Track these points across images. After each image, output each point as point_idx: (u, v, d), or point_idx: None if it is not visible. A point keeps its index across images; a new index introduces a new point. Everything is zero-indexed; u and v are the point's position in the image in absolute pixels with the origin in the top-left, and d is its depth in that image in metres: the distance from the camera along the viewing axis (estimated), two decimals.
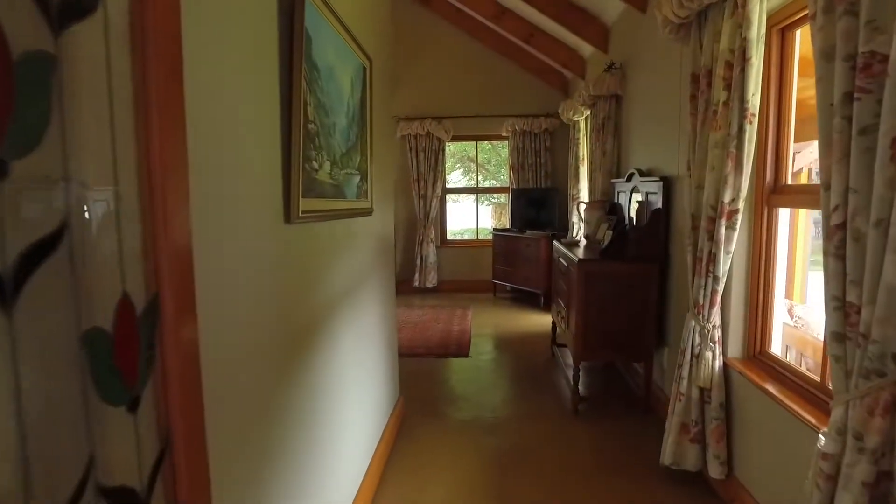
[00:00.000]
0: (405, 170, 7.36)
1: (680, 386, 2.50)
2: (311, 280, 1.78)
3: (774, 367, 2.26)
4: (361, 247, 2.47)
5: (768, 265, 2.34)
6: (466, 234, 10.20)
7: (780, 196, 2.26)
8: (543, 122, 6.94)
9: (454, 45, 7.15)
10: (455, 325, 5.64)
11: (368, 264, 2.62)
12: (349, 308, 2.28)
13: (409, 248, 7.51)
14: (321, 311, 1.88)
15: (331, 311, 2.00)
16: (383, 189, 2.97)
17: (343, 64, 2.03)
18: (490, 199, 10.78)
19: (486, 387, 3.91)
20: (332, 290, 2.03)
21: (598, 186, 4.56)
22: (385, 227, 3.01)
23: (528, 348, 4.83)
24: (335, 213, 1.96)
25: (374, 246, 2.72)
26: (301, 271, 1.66)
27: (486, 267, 7.23)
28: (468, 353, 4.71)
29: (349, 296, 2.30)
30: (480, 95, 7.18)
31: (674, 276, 3.18)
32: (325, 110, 1.82)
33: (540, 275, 6.25)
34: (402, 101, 7.26)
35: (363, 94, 2.36)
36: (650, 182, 3.41)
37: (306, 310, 1.73)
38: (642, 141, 3.83)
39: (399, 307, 6.43)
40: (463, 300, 6.91)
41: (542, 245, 6.21)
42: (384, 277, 3.00)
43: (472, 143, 7.81)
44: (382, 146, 2.93)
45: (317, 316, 1.84)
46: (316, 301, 1.83)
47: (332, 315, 2.00)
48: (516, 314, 6.14)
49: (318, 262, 1.84)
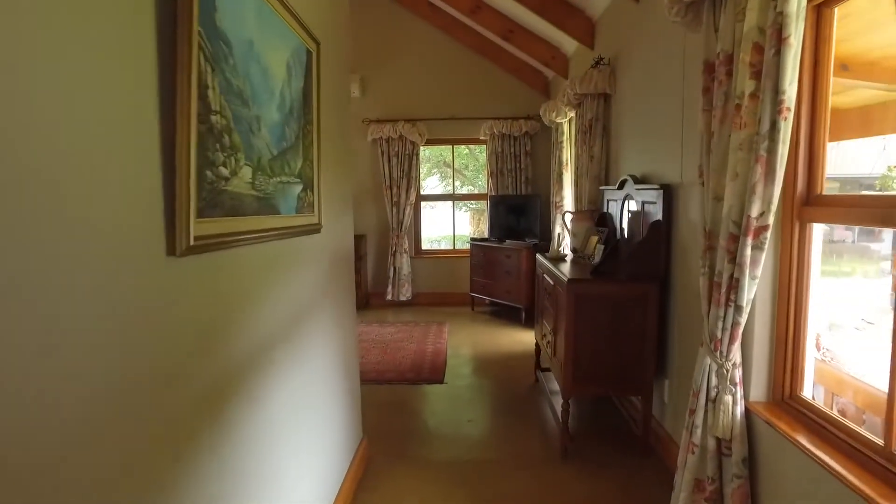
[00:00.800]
0: (377, 176, 6.90)
1: (693, 435, 2.08)
2: (221, 327, 1.31)
3: (809, 416, 1.86)
4: (307, 271, 2.01)
5: (800, 292, 1.94)
6: (444, 242, 9.77)
7: (815, 209, 1.86)
8: (523, 125, 6.55)
9: (428, 44, 6.73)
10: (430, 344, 5.18)
11: (318, 291, 2.16)
12: (291, 347, 1.82)
13: (381, 258, 7.04)
14: (242, 362, 1.42)
15: (258, 359, 1.53)
16: (341, 199, 2.51)
17: (273, 41, 1.57)
18: (468, 206, 10.38)
19: (462, 421, 3.46)
20: (262, 331, 1.57)
21: (584, 194, 4.16)
22: (342, 244, 2.55)
23: (509, 372, 4.39)
24: (261, 234, 1.50)
25: (325, 268, 2.25)
26: (199, 321, 1.20)
27: (464, 279, 6.79)
28: (443, 378, 4.25)
29: (290, 332, 1.83)
30: (456, 97, 6.76)
31: (676, 298, 2.78)
32: (243, 99, 1.36)
33: (521, 288, 5.84)
34: (373, 102, 6.81)
35: (307, 83, 1.90)
36: (647, 190, 3.01)
37: (215, 366, 1.26)
38: (636, 144, 3.43)
39: (370, 324, 5.97)
40: (439, 315, 6.46)
41: (522, 256, 5.80)
42: (341, 303, 2.54)
43: (448, 146, 7.39)
44: (338, 148, 2.47)
45: (235, 368, 1.38)
46: (234, 350, 1.37)
47: (259, 364, 1.54)
48: (496, 331, 5.71)
49: (233, 302, 1.38)
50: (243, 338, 1.44)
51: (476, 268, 6.49)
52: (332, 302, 2.37)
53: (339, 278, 2.51)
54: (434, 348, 5.03)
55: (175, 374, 1.09)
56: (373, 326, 5.90)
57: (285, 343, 1.79)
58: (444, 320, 6.14)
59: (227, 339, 1.34)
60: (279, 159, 1.63)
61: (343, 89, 2.60)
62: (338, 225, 2.45)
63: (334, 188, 2.38)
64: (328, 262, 2.29)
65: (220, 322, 1.30)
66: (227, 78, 1.26)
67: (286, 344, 1.80)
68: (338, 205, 2.46)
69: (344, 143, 2.60)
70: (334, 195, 2.38)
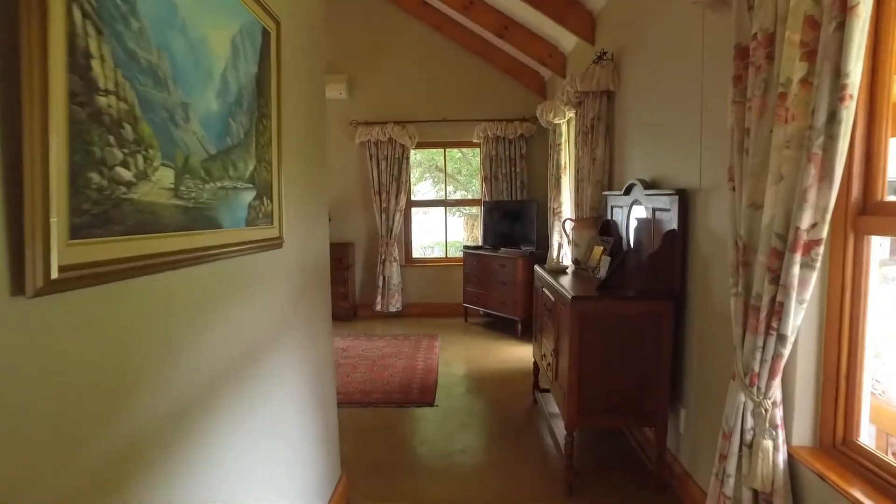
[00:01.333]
0: (365, 180, 6.57)
1: (724, 485, 1.76)
2: (129, 382, 0.98)
3: (867, 465, 1.54)
4: (265, 294, 1.68)
5: (854, 318, 1.63)
6: (437, 248, 9.41)
7: (874, 218, 1.55)
8: (518, 127, 6.24)
9: (419, 42, 6.42)
10: (420, 360, 4.85)
11: (283, 315, 1.83)
12: (246, 387, 1.49)
13: (369, 267, 6.70)
14: (167, 419, 1.09)
15: (195, 409, 1.20)
16: (312, 207, 2.18)
17: (211, 11, 1.25)
18: (462, 211, 10.06)
19: (455, 451, 3.12)
20: (200, 375, 1.24)
21: (585, 200, 3.85)
22: (314, 258, 2.22)
23: (505, 391, 4.06)
24: (193, 254, 1.17)
25: (292, 287, 1.92)
26: (80, 381, 0.86)
27: (457, 288, 6.46)
28: (433, 399, 3.92)
29: (245, 370, 1.50)
30: (449, 98, 6.45)
31: (694, 317, 2.46)
32: (157, 78, 1.03)
33: (517, 299, 5.51)
34: (360, 103, 6.49)
35: (263, 69, 1.58)
36: (659, 196, 2.69)
37: (122, 433, 0.93)
38: (644, 145, 3.12)
39: (357, 337, 5.63)
40: (430, 327, 6.12)
41: (518, 265, 5.48)
42: (314, 325, 2.21)
43: (440, 150, 7.08)
44: (309, 149, 2.14)
45: (156, 430, 1.05)
46: (152, 408, 1.04)
47: (198, 415, 1.20)
48: (491, 345, 5.38)
49: (148, 347, 1.04)
50: (168, 390, 1.10)
51: (469, 277, 6.16)
52: (302, 325, 2.04)
53: (312, 297, 2.17)
54: (424, 365, 4.69)
55: (38, 463, 0.76)
56: (360, 340, 5.56)
57: (239, 382, 1.46)
58: (435, 333, 5.81)
59: (139, 397, 1.01)
60: (220, 160, 1.30)
61: (315, 81, 2.27)
62: (308, 237, 2.12)
63: (303, 194, 2.05)
64: (295, 280, 1.96)
65: (126, 377, 0.97)
66: (128, 48, 0.94)
67: (240, 383, 1.47)
68: (308, 213, 2.13)
69: (317, 144, 2.27)
70: (303, 203, 2.06)
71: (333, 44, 6.40)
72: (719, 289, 2.20)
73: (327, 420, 2.39)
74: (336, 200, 6.62)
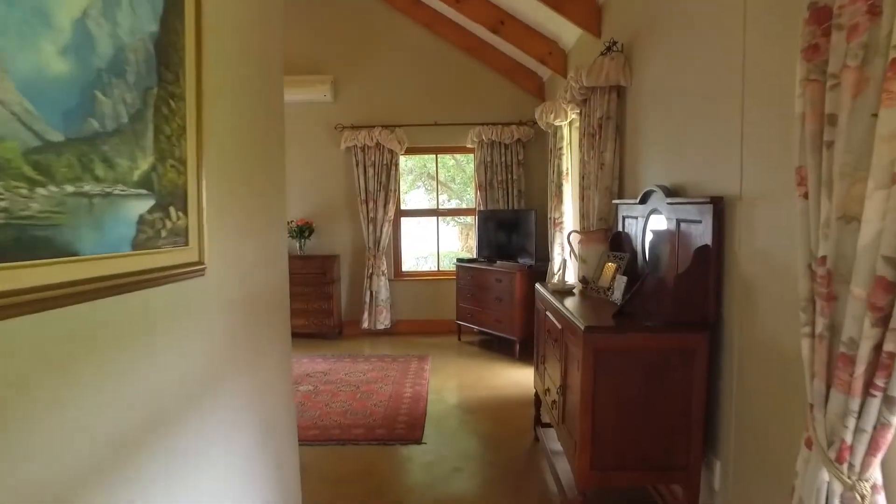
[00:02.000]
0: (351, 188, 6.13)
1: None
2: None
3: None
4: (174, 342, 1.22)
5: None
6: (431, 259, 8.94)
7: None
8: (515, 131, 5.82)
9: (409, 41, 6.01)
10: (408, 385, 4.38)
11: (206, 366, 1.38)
12: (144, 475, 1.04)
13: (356, 282, 6.24)
14: None
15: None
16: (261, 219, 1.74)
17: None
18: (457, 220, 9.61)
19: (446, 502, 2.66)
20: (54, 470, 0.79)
21: (592, 209, 3.42)
22: (261, 285, 1.77)
23: (502, 425, 3.60)
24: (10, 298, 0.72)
25: (221, 328, 1.47)
26: None
27: (450, 303, 6.00)
28: (421, 435, 3.45)
29: (139, 456, 1.05)
30: (440, 100, 6.03)
31: (733, 352, 2.02)
32: None
33: (514, 317, 5.06)
34: (346, 106, 6.07)
35: (167, 29, 1.14)
36: (686, 205, 2.26)
37: None
38: (664, 146, 2.70)
39: (341, 359, 5.17)
40: (421, 346, 5.66)
41: (516, 280, 5.04)
42: (263, 369, 1.75)
43: (431, 156, 6.65)
44: (256, 145, 1.70)
45: None
46: None
47: None
48: (486, 367, 4.91)
49: None
50: None
51: (463, 292, 5.71)
52: (245, 369, 1.59)
53: (260, 334, 1.72)
54: (413, 392, 4.23)
55: None
56: (344, 362, 5.09)
57: (135, 470, 1.01)
58: (426, 353, 5.34)
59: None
60: (75, 151, 0.86)
61: (271, 60, 1.84)
62: (254, 258, 1.67)
63: (247, 205, 1.61)
64: (232, 315, 1.51)
65: None
66: None
67: (137, 471, 1.02)
68: (254, 229, 1.69)
69: (270, 141, 1.83)
70: (246, 215, 1.61)
71: (317, 43, 5.99)
72: (771, 320, 1.76)
73: (284, 488, 1.93)
74: (320, 210, 6.18)
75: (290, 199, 6.14)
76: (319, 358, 5.24)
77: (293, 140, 6.12)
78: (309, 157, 6.13)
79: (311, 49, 5.99)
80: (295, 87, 5.81)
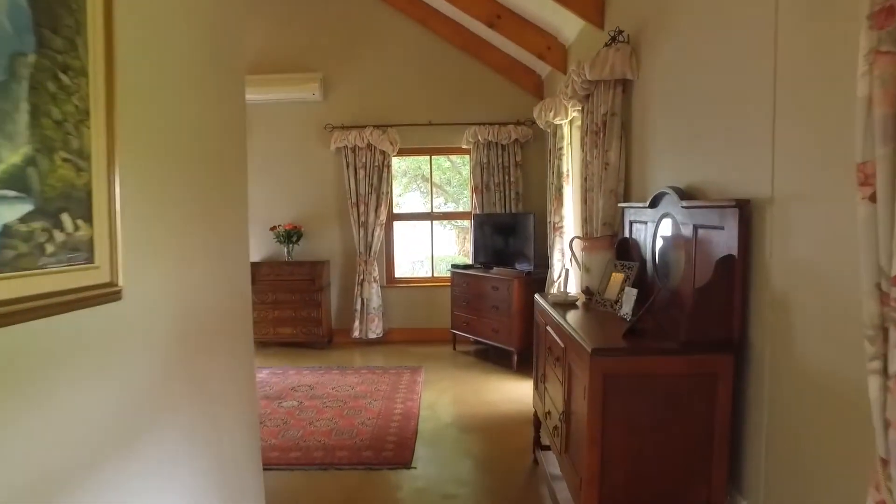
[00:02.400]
0: (342, 191, 5.87)
1: None
2: None
3: None
4: (77, 384, 0.96)
5: None
6: (426, 262, 8.65)
7: None
8: (513, 132, 5.57)
9: (401, 38, 5.76)
10: (398, 401, 4.11)
11: (128, 409, 1.11)
12: None
13: (347, 288, 5.98)
14: None
15: None
16: (211, 228, 1.47)
17: None
18: (454, 223, 9.33)
19: None
20: None
21: (595, 213, 3.16)
22: (211, 305, 1.50)
23: (499, 446, 3.33)
24: None
25: (149, 363, 1.20)
26: None
27: (444, 311, 5.73)
28: (411, 458, 3.18)
29: None
30: (434, 99, 5.78)
31: (761, 378, 1.76)
32: None
33: (512, 327, 4.80)
34: (336, 105, 5.82)
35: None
36: (705, 209, 2.00)
37: None
38: (676, 144, 2.44)
39: (329, 370, 4.90)
40: (414, 356, 5.39)
41: (514, 288, 4.77)
42: (212, 406, 1.48)
43: (425, 157, 6.39)
44: (206, 138, 1.44)
45: None
46: None
47: None
48: (482, 380, 4.64)
49: None
50: None
51: (458, 300, 5.45)
52: (185, 404, 1.33)
53: (210, 362, 1.46)
54: (404, 408, 3.96)
55: None
56: (332, 374, 4.82)
57: None
58: (419, 365, 5.07)
59: None
60: None
61: (227, 40, 1.57)
62: (196, 278, 1.41)
63: (188, 212, 1.34)
64: (163, 346, 1.24)
65: None
66: None
67: None
68: (204, 243, 1.42)
69: (229, 134, 1.57)
70: (189, 225, 1.35)
71: (306, 40, 5.74)
72: (814, 345, 1.50)
73: None
74: (308, 214, 5.92)
75: (278, 202, 5.89)
76: (307, 370, 4.96)
77: (280, 141, 5.87)
78: (297, 159, 5.88)
79: (299, 45, 5.74)
80: (282, 86, 5.57)
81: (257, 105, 5.78)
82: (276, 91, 5.58)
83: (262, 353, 5.61)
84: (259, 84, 5.56)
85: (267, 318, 5.68)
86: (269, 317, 5.68)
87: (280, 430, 3.59)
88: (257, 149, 5.88)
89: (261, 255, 5.96)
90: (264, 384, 4.55)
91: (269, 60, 5.70)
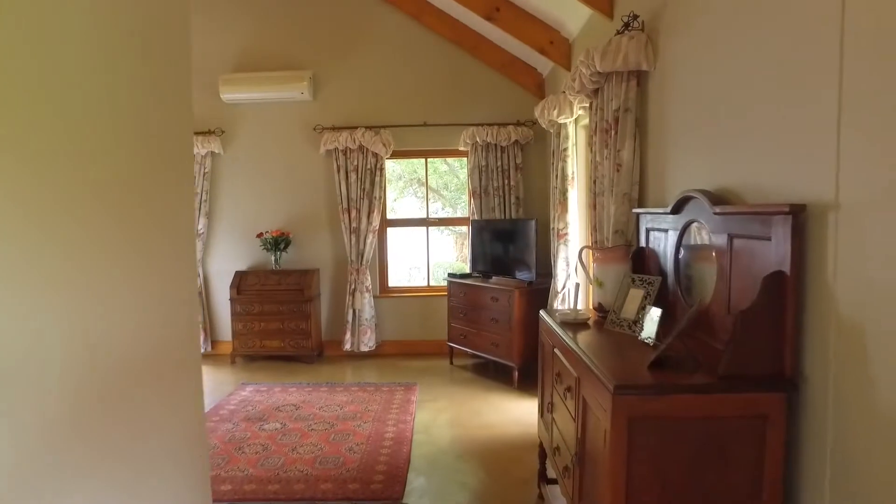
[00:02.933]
0: (332, 195, 5.56)
1: None
2: None
3: None
4: None
5: None
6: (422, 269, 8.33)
7: None
8: (513, 133, 5.27)
9: (395, 34, 5.46)
10: (391, 422, 3.79)
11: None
12: None
13: (338, 298, 5.66)
14: None
15: None
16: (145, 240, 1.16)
17: None
18: (451, 229, 9.02)
19: None
20: None
21: (606, 220, 2.85)
22: (140, 344, 1.18)
23: (500, 477, 3.01)
24: None
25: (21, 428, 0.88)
26: None
27: (441, 322, 5.42)
28: (402, 492, 2.86)
29: None
30: (430, 99, 5.49)
31: (821, 421, 1.45)
32: None
33: (512, 340, 4.48)
34: (326, 106, 5.52)
35: None
36: (745, 216, 1.69)
37: None
38: (702, 142, 2.14)
39: (317, 388, 4.57)
40: (409, 372, 5.07)
41: (514, 299, 4.46)
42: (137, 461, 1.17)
43: (420, 160, 6.09)
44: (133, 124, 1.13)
45: None
46: None
47: None
48: (481, 398, 4.32)
49: None
50: None
51: (455, 311, 5.13)
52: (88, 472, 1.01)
53: (131, 413, 1.14)
54: (396, 431, 3.64)
55: None
56: (320, 392, 4.49)
57: None
58: (413, 381, 4.74)
59: None
60: None
61: None
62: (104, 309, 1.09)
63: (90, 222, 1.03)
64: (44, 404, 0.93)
65: None
66: None
67: None
68: (120, 263, 1.11)
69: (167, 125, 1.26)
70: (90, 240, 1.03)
71: (294, 36, 5.45)
72: (881, 374, 1.19)
73: None
74: (297, 220, 5.61)
75: (264, 208, 5.59)
76: (293, 387, 4.64)
77: (267, 143, 5.57)
78: (285, 162, 5.57)
79: (287, 41, 5.45)
80: (268, 84, 5.27)
81: (242, 105, 5.49)
82: (262, 90, 5.28)
83: (247, 367, 5.29)
84: (243, 82, 5.27)
85: (253, 330, 5.36)
86: (256, 329, 5.36)
87: (259, 457, 3.27)
88: (242, 151, 5.58)
89: (247, 264, 5.64)
90: (246, 403, 4.23)
91: (255, 57, 5.41)
